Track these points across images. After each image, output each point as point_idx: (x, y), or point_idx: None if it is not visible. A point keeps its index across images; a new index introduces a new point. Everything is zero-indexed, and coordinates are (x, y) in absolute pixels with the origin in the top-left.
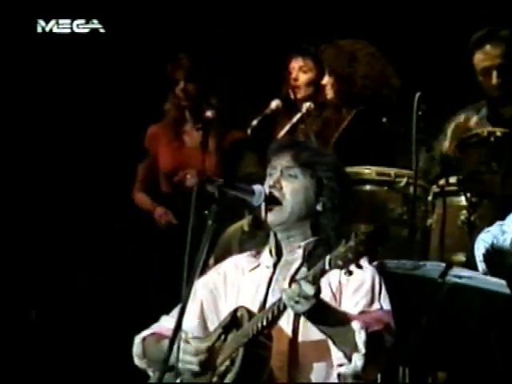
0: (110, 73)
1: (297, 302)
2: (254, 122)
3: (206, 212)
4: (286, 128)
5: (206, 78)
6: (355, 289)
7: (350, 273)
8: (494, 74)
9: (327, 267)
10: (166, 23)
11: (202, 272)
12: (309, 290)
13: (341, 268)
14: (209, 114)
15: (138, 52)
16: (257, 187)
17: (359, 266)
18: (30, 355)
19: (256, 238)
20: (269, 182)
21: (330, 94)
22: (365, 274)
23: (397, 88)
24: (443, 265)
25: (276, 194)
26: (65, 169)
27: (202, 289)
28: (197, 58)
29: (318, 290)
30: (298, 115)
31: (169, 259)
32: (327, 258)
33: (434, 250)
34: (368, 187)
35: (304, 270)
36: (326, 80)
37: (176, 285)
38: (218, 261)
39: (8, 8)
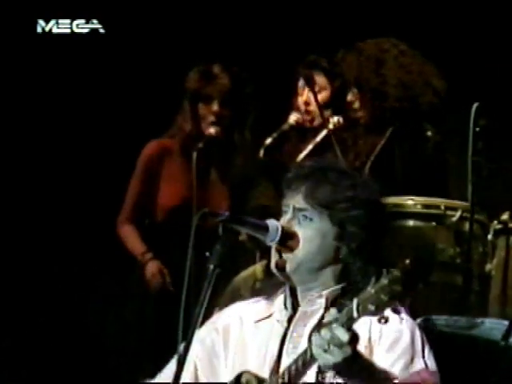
0: (110, 73)
1: (327, 351)
2: (268, 141)
3: (208, 254)
4: (308, 148)
5: (245, 102)
6: (390, 345)
7: (386, 320)
8: None
9: (355, 314)
10: (167, 23)
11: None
12: (342, 335)
13: (373, 314)
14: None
15: (138, 52)
16: (271, 222)
17: (396, 311)
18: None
19: (272, 286)
20: (283, 221)
21: (359, 113)
22: (401, 326)
23: (441, 91)
24: (506, 323)
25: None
26: (65, 171)
27: (197, 347)
28: (238, 77)
29: (354, 337)
30: (323, 133)
31: (161, 309)
32: (354, 302)
33: (495, 303)
34: (411, 222)
35: (333, 311)
36: (351, 96)
37: (167, 339)
38: None
39: (8, 8)
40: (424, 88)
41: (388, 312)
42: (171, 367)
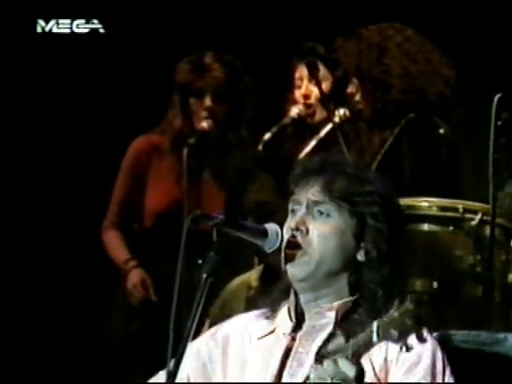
0: (109, 73)
1: None
2: (267, 136)
3: (200, 261)
4: (312, 145)
5: (241, 96)
6: (408, 368)
7: (408, 348)
8: None
9: (375, 339)
10: (168, 23)
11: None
12: (348, 370)
13: (395, 341)
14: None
15: (138, 52)
16: (270, 226)
17: (421, 339)
18: None
19: (269, 295)
20: (290, 222)
21: (361, 106)
22: (422, 347)
23: (452, 82)
24: None
25: (300, 240)
26: (64, 172)
27: (192, 360)
28: (233, 67)
29: (361, 372)
30: (328, 127)
31: (151, 320)
32: (375, 324)
33: None
34: (426, 227)
35: (339, 340)
36: (352, 87)
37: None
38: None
39: (8, 8)
40: (432, 78)
41: (411, 339)
42: (159, 379)
